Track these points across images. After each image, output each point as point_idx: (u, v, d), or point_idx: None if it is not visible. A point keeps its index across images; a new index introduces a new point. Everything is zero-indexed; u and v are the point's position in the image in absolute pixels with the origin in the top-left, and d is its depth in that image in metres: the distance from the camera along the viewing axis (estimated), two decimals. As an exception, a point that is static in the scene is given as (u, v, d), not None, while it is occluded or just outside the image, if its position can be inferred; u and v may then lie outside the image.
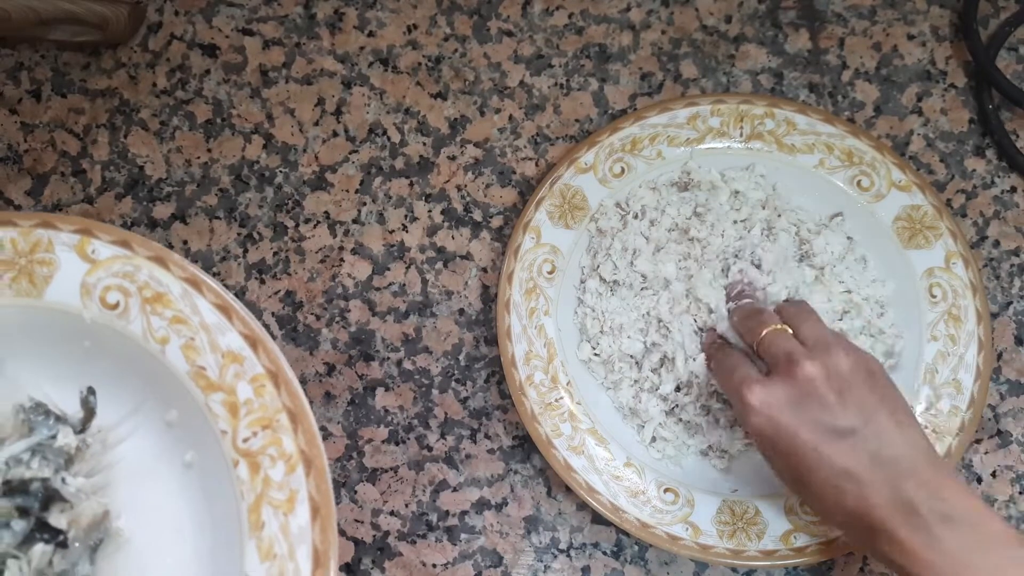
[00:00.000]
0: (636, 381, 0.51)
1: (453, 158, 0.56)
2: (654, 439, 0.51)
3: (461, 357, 0.54)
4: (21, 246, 0.41)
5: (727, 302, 0.49)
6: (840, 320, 0.50)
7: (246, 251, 0.55)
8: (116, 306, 0.41)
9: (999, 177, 0.57)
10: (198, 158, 0.56)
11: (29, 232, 0.41)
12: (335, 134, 0.57)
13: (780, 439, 0.41)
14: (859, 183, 0.53)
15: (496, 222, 0.56)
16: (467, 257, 0.55)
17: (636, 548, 0.52)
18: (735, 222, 0.52)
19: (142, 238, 0.41)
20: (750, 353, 0.46)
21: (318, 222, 0.55)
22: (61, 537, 0.40)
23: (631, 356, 0.51)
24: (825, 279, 0.51)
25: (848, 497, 0.40)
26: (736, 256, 0.51)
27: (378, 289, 0.55)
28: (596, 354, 0.52)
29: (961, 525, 0.38)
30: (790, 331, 0.44)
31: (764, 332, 0.44)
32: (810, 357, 0.42)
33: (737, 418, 0.46)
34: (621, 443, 0.50)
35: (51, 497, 0.41)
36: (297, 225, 0.55)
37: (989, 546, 0.37)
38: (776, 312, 0.46)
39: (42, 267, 0.41)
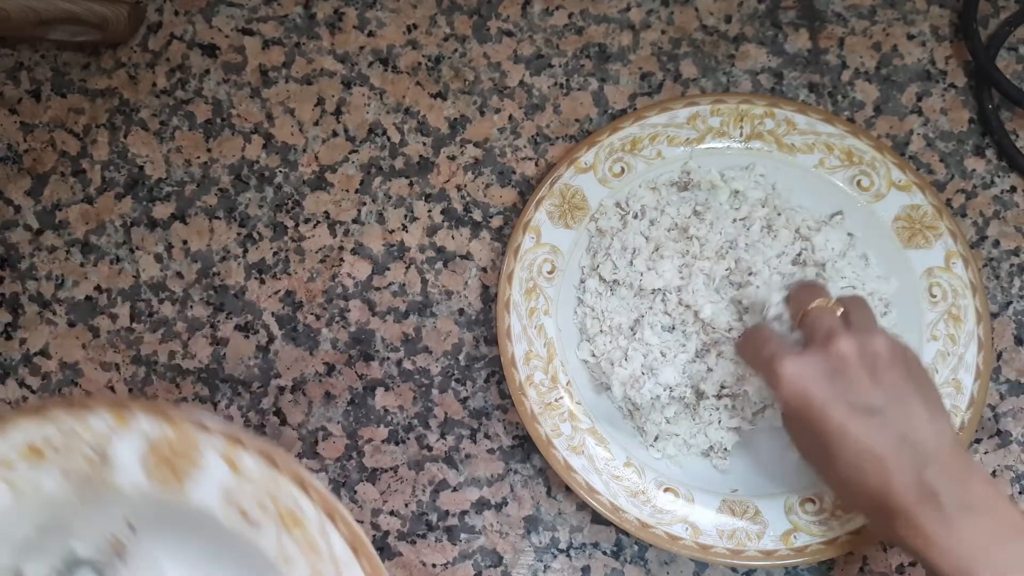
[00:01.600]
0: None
1: (453, 158, 0.56)
2: (657, 438, 0.51)
3: (461, 357, 0.54)
4: (171, 438, 0.42)
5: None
6: None
7: (246, 251, 0.55)
8: (251, 518, 0.42)
9: (999, 177, 0.57)
10: (198, 158, 0.56)
11: (181, 428, 0.42)
12: (335, 134, 0.57)
13: (809, 413, 0.41)
14: (859, 183, 0.53)
15: (496, 222, 0.56)
16: (467, 257, 0.55)
17: (636, 548, 0.52)
18: (735, 221, 0.52)
19: (285, 455, 0.42)
20: (785, 333, 0.46)
21: (318, 222, 0.55)
22: None
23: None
24: (827, 275, 0.51)
25: (870, 478, 0.40)
26: (731, 246, 0.51)
27: (378, 289, 0.55)
28: (595, 354, 0.52)
29: (980, 514, 0.38)
30: (840, 311, 0.44)
31: (814, 303, 0.44)
32: (848, 335, 0.42)
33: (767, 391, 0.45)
34: (621, 443, 0.50)
35: None
36: (297, 225, 0.55)
37: (1007, 537, 0.38)
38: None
39: (187, 464, 0.42)
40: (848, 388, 0.41)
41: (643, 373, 0.49)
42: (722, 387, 0.50)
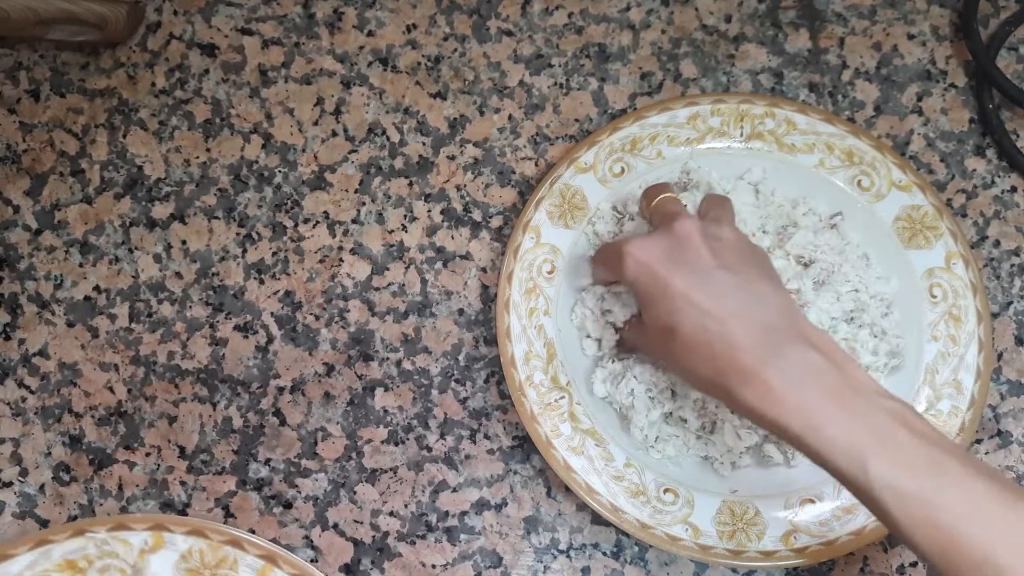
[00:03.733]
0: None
1: (452, 158, 0.56)
2: (657, 438, 0.51)
3: (461, 357, 0.54)
4: (208, 558, 0.44)
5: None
6: (848, 322, 0.50)
7: (245, 251, 0.55)
8: None
9: (999, 177, 0.56)
10: (197, 158, 0.56)
11: (218, 547, 0.44)
12: (334, 134, 0.57)
13: (654, 286, 0.42)
14: (859, 183, 0.53)
15: (496, 222, 0.56)
16: (467, 257, 0.55)
17: (636, 549, 0.52)
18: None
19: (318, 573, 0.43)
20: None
21: (317, 222, 0.55)
22: None
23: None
24: (832, 279, 0.50)
25: (715, 340, 0.39)
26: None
27: (377, 289, 0.55)
28: (592, 354, 0.51)
29: (830, 374, 0.37)
30: (685, 203, 0.46)
31: (660, 196, 0.46)
32: (690, 217, 0.43)
33: (619, 279, 0.45)
34: (621, 444, 0.50)
35: None
36: (296, 225, 0.55)
37: (856, 394, 0.37)
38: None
39: None
40: (691, 261, 0.41)
41: (624, 369, 0.49)
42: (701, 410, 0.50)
